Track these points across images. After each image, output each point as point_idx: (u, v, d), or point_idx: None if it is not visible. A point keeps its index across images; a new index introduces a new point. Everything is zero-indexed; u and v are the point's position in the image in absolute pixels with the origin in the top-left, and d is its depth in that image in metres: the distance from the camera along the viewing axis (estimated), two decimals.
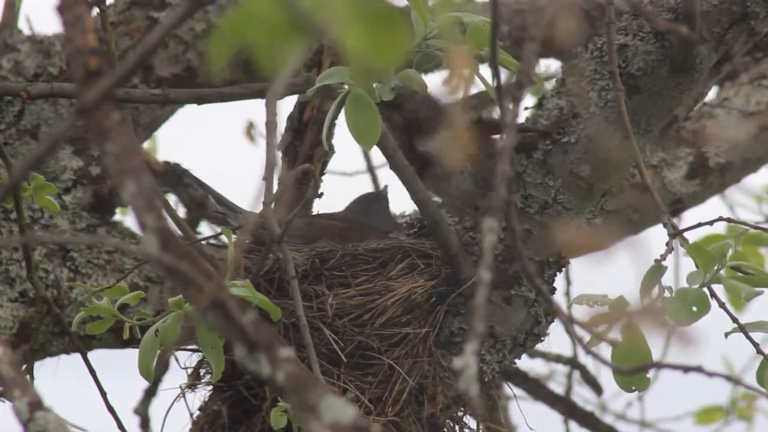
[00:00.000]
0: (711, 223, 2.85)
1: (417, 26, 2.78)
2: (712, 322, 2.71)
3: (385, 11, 1.47)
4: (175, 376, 3.30)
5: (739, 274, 2.73)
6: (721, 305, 2.70)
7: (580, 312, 2.68)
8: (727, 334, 2.74)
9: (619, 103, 2.88)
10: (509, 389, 3.54)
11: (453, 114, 2.85)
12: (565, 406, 4.28)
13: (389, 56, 1.47)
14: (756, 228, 3.03)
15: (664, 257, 2.72)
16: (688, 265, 2.88)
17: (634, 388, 2.77)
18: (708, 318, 2.70)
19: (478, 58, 2.86)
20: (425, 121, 3.20)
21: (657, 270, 2.70)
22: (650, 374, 2.80)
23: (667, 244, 2.76)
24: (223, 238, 3.45)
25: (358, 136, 2.74)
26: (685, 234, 2.76)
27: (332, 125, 2.93)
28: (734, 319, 2.71)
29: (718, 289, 2.72)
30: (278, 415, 2.94)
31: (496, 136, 3.12)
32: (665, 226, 2.77)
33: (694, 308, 2.67)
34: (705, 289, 2.70)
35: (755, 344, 2.73)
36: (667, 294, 2.69)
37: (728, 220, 2.93)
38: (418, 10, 2.76)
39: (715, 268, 2.69)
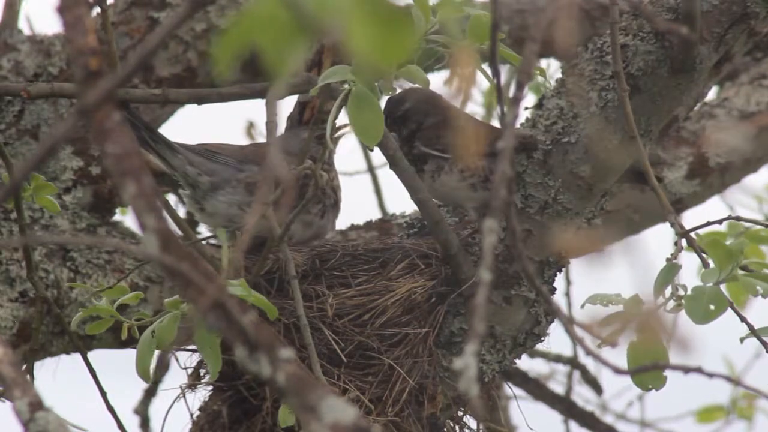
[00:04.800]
0: (720, 222, 2.85)
1: (418, 22, 2.78)
2: (714, 321, 2.70)
3: (389, 10, 1.47)
4: (175, 376, 3.30)
5: (743, 272, 2.72)
6: (729, 305, 2.68)
7: (587, 312, 2.67)
8: (742, 339, 2.73)
9: (624, 104, 2.88)
10: (509, 389, 3.54)
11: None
12: (565, 406, 4.28)
13: (394, 54, 1.47)
14: (766, 225, 3.03)
15: (674, 256, 2.71)
16: (687, 264, 2.87)
17: (650, 386, 2.75)
18: None
19: (479, 53, 2.86)
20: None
21: (671, 269, 2.69)
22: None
23: (675, 243, 2.75)
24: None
25: (362, 134, 2.73)
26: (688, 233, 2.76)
27: (334, 125, 2.92)
28: (742, 318, 2.70)
29: (723, 288, 2.71)
30: (286, 413, 2.93)
31: None
32: (672, 225, 2.77)
33: (712, 306, 2.66)
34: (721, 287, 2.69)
35: (765, 344, 2.72)
36: (681, 292, 2.68)
37: (738, 218, 2.93)
38: (419, 6, 2.76)
39: (730, 266, 2.68)
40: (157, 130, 3.34)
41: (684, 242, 2.77)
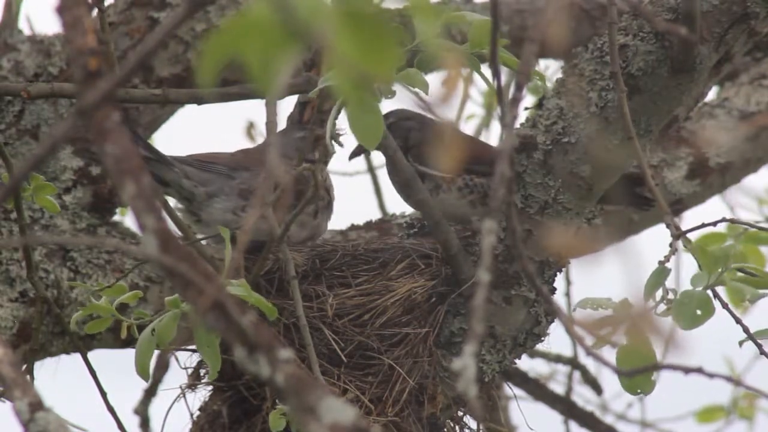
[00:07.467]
0: (714, 224, 2.84)
1: (420, 27, 2.77)
2: (715, 322, 2.70)
3: (376, 21, 1.47)
4: (175, 376, 3.30)
5: (741, 274, 2.71)
6: (725, 306, 2.68)
7: (581, 314, 2.67)
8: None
9: (621, 105, 2.88)
10: (509, 389, 3.54)
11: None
12: (565, 406, 4.28)
13: (380, 65, 1.47)
14: (760, 228, 3.02)
15: (667, 259, 2.70)
16: (688, 265, 2.87)
17: (639, 391, 2.74)
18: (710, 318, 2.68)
19: (480, 57, 2.86)
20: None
21: (661, 272, 2.69)
22: (653, 376, 2.78)
23: (670, 245, 2.75)
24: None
25: (361, 137, 2.73)
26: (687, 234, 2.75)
27: (334, 126, 2.92)
28: (737, 320, 2.70)
29: (720, 289, 2.70)
30: (277, 417, 2.94)
31: None
32: (668, 227, 2.76)
33: (699, 312, 2.65)
34: (709, 292, 2.68)
35: (759, 346, 2.72)
36: (671, 296, 2.67)
37: (732, 221, 2.93)
38: (420, 12, 2.76)
39: (719, 270, 2.67)
40: (154, 146, 3.36)
41: (681, 244, 2.76)
